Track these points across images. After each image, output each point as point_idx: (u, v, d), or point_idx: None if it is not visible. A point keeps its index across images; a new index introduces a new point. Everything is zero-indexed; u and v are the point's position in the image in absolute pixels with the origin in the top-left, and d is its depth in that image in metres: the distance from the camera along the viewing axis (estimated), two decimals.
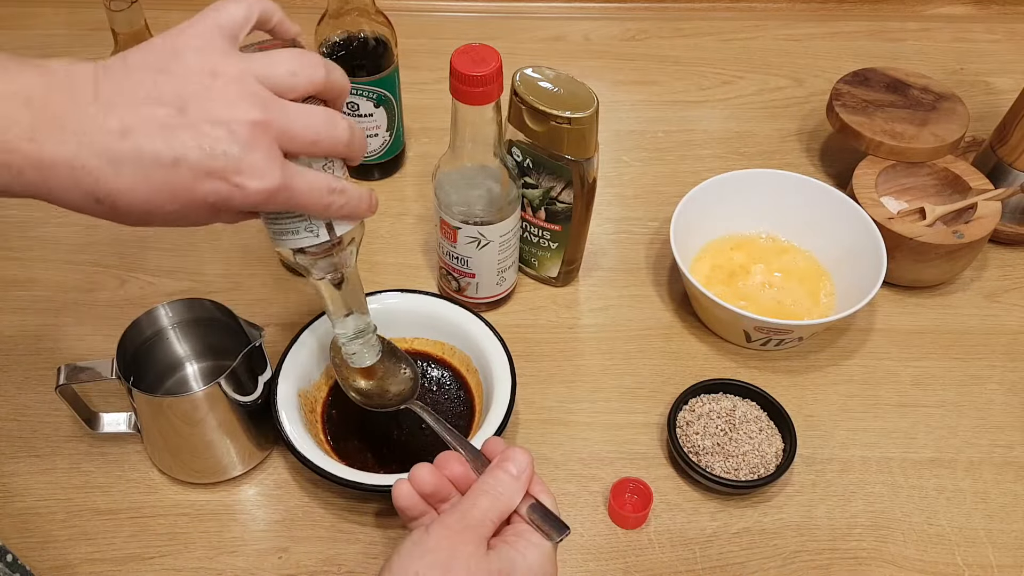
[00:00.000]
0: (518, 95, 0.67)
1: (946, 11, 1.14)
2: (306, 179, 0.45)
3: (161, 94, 0.42)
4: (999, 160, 0.84)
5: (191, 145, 0.41)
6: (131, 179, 0.41)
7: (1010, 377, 0.75)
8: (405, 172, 0.91)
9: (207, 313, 0.65)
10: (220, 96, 0.42)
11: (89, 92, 0.41)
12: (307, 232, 0.50)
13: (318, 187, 0.46)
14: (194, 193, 0.42)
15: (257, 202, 0.43)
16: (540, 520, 0.49)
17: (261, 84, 0.43)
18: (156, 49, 0.43)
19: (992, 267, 0.84)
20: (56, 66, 0.41)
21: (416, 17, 1.09)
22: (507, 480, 0.49)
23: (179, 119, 0.41)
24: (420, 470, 0.51)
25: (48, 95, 0.40)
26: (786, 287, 0.79)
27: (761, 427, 0.68)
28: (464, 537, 0.47)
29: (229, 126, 0.42)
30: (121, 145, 0.41)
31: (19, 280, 0.80)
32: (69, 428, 0.69)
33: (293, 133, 0.44)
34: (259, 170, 0.42)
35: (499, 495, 0.49)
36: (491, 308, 0.78)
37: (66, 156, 0.40)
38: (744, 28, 1.10)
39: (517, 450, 0.51)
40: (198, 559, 0.63)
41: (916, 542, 0.65)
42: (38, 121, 0.40)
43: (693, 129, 0.97)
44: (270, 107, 0.43)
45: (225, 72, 0.43)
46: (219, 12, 0.45)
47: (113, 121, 0.41)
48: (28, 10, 1.08)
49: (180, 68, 0.42)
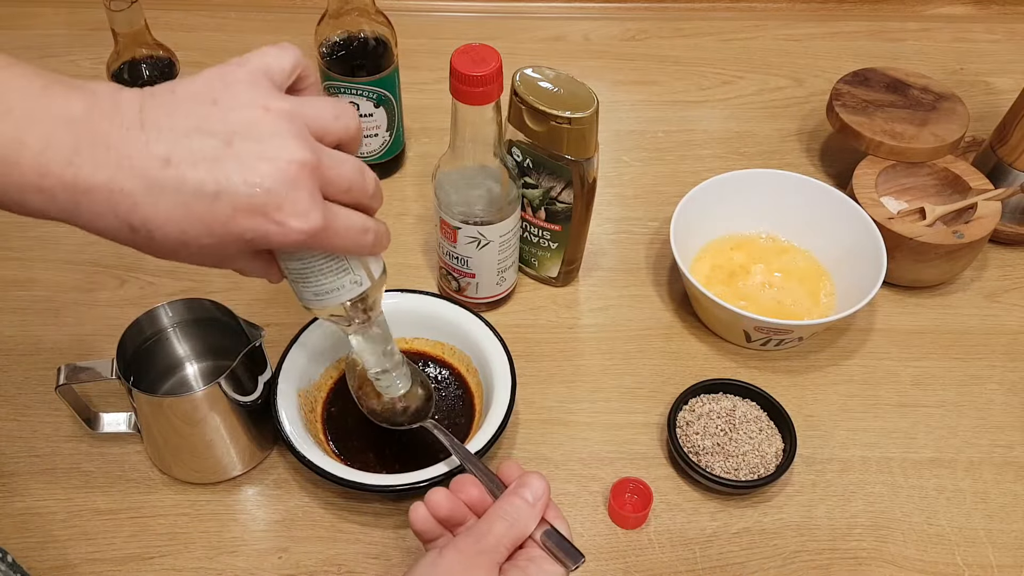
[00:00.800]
0: (518, 95, 0.67)
1: (946, 11, 1.14)
2: (344, 220, 0.45)
3: (209, 125, 0.41)
4: (999, 160, 0.84)
5: (236, 179, 0.40)
6: (169, 208, 0.40)
7: (1010, 377, 0.75)
8: (405, 172, 0.91)
9: (207, 313, 0.65)
10: (269, 132, 0.41)
11: (134, 118, 0.40)
12: (352, 284, 0.50)
13: (355, 227, 0.45)
14: (232, 228, 0.41)
15: (296, 242, 0.42)
16: (555, 547, 0.49)
17: (307, 126, 0.43)
18: (206, 81, 0.42)
19: (992, 267, 0.84)
20: (101, 89, 0.41)
21: (416, 17, 1.09)
22: (523, 506, 0.50)
23: (225, 151, 0.40)
24: (436, 494, 0.51)
25: (91, 118, 0.39)
26: (786, 287, 0.79)
27: (761, 427, 0.68)
28: (477, 561, 0.47)
29: (276, 163, 0.41)
30: (163, 173, 0.40)
31: (19, 280, 0.80)
32: (69, 428, 0.69)
33: (330, 178, 0.43)
34: (302, 210, 0.42)
35: (514, 521, 0.49)
36: (491, 308, 0.78)
37: (104, 180, 0.39)
38: (744, 28, 1.10)
39: (534, 476, 0.51)
40: (198, 559, 0.63)
41: (916, 542, 0.65)
42: (79, 144, 0.39)
43: (693, 129, 0.97)
44: (317, 150, 0.43)
45: (276, 109, 0.42)
46: (268, 56, 0.44)
47: (157, 148, 0.40)
48: (28, 10, 1.08)
49: (230, 101, 0.42)
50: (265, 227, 0.41)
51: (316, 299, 0.50)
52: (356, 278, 0.50)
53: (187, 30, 1.06)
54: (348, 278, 0.49)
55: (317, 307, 0.51)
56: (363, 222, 0.46)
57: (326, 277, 0.49)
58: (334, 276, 0.49)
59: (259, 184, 0.41)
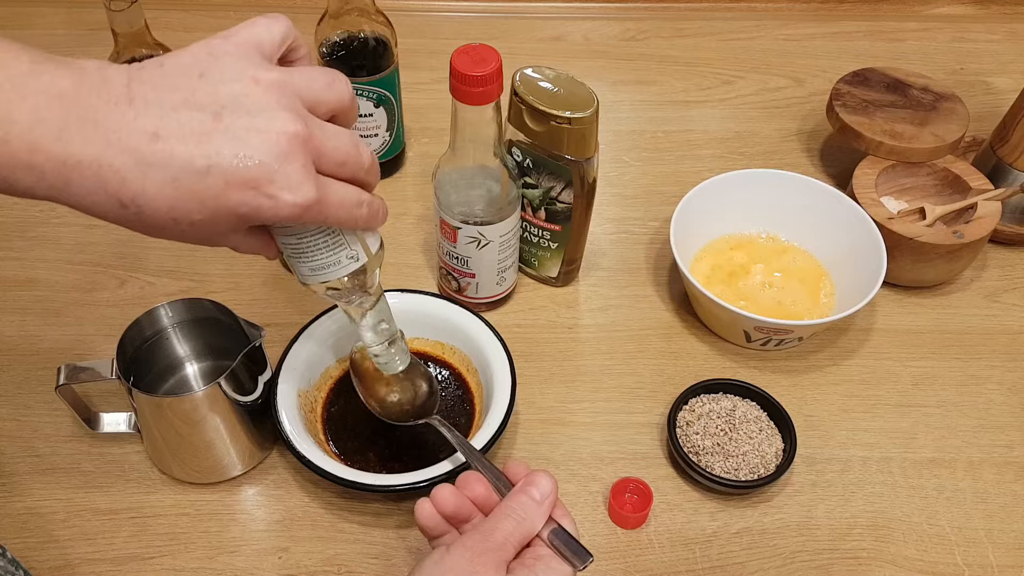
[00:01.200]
0: (518, 95, 0.67)
1: (946, 11, 1.14)
2: (338, 193, 0.44)
3: (197, 99, 0.40)
4: (999, 160, 0.84)
5: (226, 152, 0.40)
6: (159, 184, 0.40)
7: (1010, 377, 0.75)
8: (405, 172, 0.91)
9: (207, 313, 0.65)
10: (259, 104, 0.41)
11: (122, 93, 0.40)
12: (349, 259, 0.49)
13: (350, 200, 0.45)
14: (224, 203, 0.41)
15: (289, 215, 0.42)
16: (563, 546, 0.49)
17: (299, 97, 0.42)
18: (193, 54, 0.42)
19: (992, 267, 0.84)
20: (89, 66, 0.40)
21: (416, 17, 1.09)
22: (530, 504, 0.49)
23: (215, 125, 0.40)
24: (442, 490, 0.51)
25: (79, 93, 0.39)
26: (786, 287, 0.79)
27: (761, 427, 0.68)
28: (484, 559, 0.47)
29: (267, 135, 0.40)
30: (152, 147, 0.39)
31: (19, 280, 0.80)
32: (69, 428, 0.69)
33: (324, 151, 0.43)
34: (294, 183, 0.41)
35: (522, 519, 0.49)
36: (491, 308, 0.78)
37: (93, 154, 0.39)
38: (744, 28, 1.10)
39: (541, 475, 0.51)
40: (198, 559, 0.63)
41: (916, 542, 0.65)
42: (68, 120, 0.39)
43: (693, 129, 0.97)
44: (309, 122, 0.42)
45: (266, 80, 0.41)
46: (258, 27, 0.43)
47: (146, 123, 0.39)
48: (28, 10, 1.08)
49: (218, 74, 0.41)
50: (257, 201, 0.41)
51: (313, 274, 0.50)
52: (352, 253, 0.49)
53: (187, 30, 1.06)
54: (344, 253, 0.49)
55: (314, 283, 0.51)
56: (358, 195, 0.46)
57: (322, 252, 0.49)
58: (330, 251, 0.49)
59: (250, 157, 0.40)
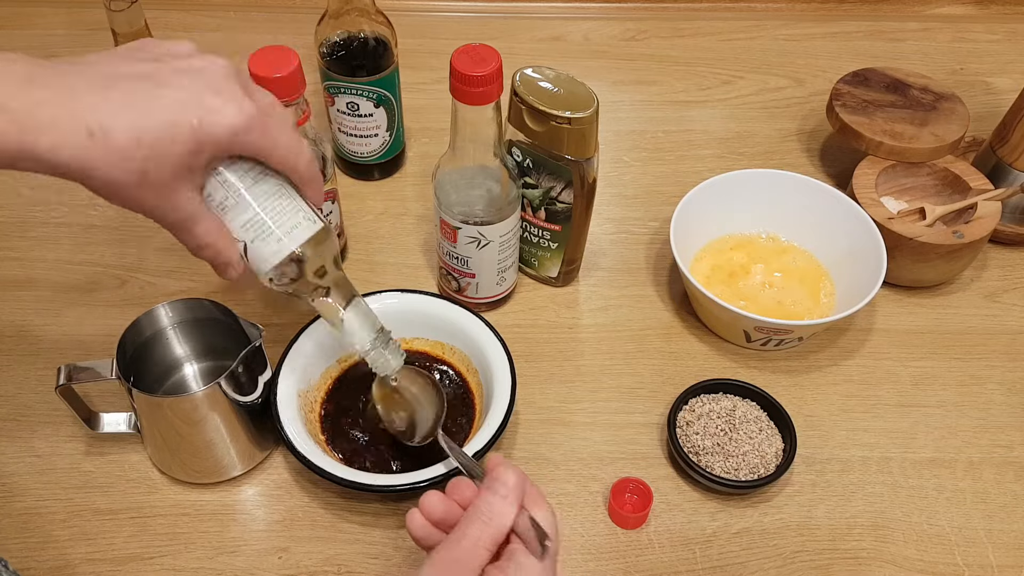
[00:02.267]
0: (518, 95, 0.67)
1: (946, 11, 1.14)
2: (279, 120, 0.49)
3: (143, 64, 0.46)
4: (999, 160, 0.84)
5: (178, 82, 0.45)
6: (120, 103, 0.43)
7: (1010, 377, 0.75)
8: (405, 172, 0.91)
9: (207, 313, 0.65)
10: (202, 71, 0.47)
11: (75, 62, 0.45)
12: (306, 220, 0.52)
13: (291, 129, 0.50)
14: (180, 117, 0.44)
15: (235, 125, 0.46)
16: (530, 537, 0.48)
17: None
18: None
19: (992, 267, 0.84)
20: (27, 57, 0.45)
21: (416, 17, 1.09)
22: (495, 502, 0.48)
23: (161, 67, 0.46)
24: (430, 497, 0.50)
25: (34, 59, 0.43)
26: (786, 287, 0.79)
27: (761, 427, 0.68)
28: (453, 570, 0.46)
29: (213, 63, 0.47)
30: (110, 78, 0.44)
31: (19, 280, 0.80)
32: (69, 428, 0.69)
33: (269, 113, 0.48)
34: (238, 97, 0.46)
35: (488, 519, 0.47)
36: (491, 308, 0.78)
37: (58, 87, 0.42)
38: (744, 28, 1.10)
39: (502, 468, 0.49)
40: (198, 559, 0.63)
41: (916, 542, 0.65)
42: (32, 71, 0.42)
43: (693, 129, 0.97)
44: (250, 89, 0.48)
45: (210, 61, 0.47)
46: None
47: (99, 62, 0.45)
48: (28, 10, 1.08)
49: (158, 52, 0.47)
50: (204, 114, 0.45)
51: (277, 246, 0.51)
52: (309, 215, 0.52)
53: (187, 30, 1.06)
54: (301, 215, 0.52)
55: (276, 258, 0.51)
56: (299, 139, 0.50)
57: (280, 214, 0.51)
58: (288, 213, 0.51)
59: (197, 74, 0.46)
